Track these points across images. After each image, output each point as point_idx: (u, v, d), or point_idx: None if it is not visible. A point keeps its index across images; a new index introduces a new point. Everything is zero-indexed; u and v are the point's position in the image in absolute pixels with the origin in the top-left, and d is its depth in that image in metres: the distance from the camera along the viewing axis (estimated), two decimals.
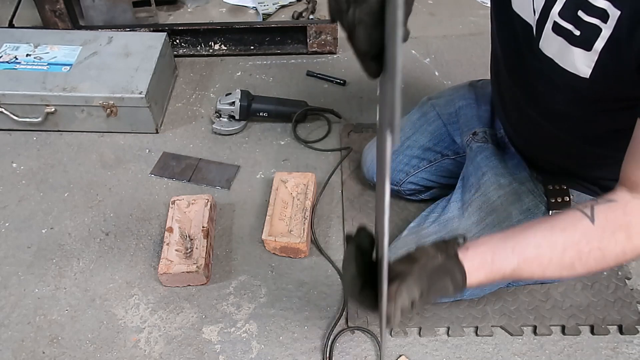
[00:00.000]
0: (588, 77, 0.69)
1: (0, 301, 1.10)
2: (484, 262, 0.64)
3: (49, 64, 1.37)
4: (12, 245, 1.19)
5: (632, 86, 0.65)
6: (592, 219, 0.64)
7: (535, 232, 0.66)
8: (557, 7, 0.69)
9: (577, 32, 0.67)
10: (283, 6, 1.74)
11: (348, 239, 0.64)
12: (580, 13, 0.66)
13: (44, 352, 1.03)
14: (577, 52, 0.68)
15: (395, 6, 0.39)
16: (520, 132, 0.98)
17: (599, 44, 0.65)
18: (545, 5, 0.71)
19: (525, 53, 0.79)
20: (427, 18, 1.73)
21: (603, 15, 0.64)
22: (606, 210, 0.64)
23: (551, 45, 0.72)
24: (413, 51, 1.61)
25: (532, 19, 0.74)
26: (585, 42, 0.67)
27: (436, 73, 1.55)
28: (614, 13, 0.62)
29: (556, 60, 0.72)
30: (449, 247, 0.64)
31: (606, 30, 0.64)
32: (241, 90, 1.37)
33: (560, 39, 0.70)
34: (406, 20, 0.49)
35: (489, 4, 0.89)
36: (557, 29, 0.70)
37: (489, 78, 1.04)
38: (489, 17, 0.90)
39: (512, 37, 0.81)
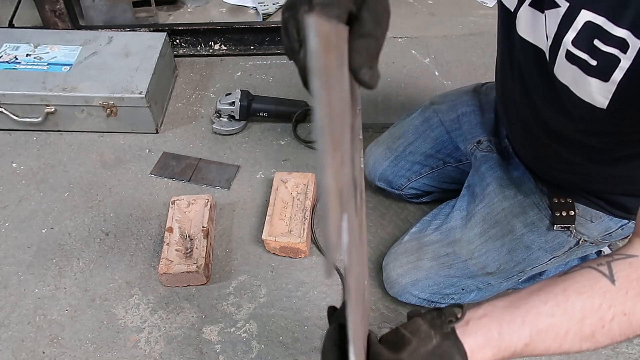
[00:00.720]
0: (605, 108, 0.65)
1: (0, 301, 1.10)
2: (489, 337, 0.53)
3: (49, 64, 1.37)
4: (12, 245, 1.19)
5: None
6: (611, 279, 0.55)
7: (547, 296, 0.55)
8: (570, 35, 0.64)
9: (594, 62, 0.63)
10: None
11: (330, 314, 0.53)
12: (596, 42, 0.62)
13: (44, 352, 1.03)
14: (594, 82, 0.64)
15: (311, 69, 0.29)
16: (525, 147, 0.95)
17: (618, 75, 0.61)
18: (558, 32, 0.66)
19: (536, 78, 0.76)
20: (427, 18, 1.73)
21: (623, 45, 0.59)
22: (627, 268, 0.55)
23: (565, 73, 0.68)
24: (413, 51, 1.61)
25: (544, 45, 0.70)
26: (602, 72, 0.63)
27: (436, 73, 1.55)
28: (635, 43, 0.58)
29: (571, 89, 0.68)
30: (445, 322, 0.53)
31: (625, 61, 0.60)
32: (241, 90, 1.37)
33: (574, 67, 0.66)
34: (374, 62, 0.41)
35: (489, 4, 0.87)
36: (571, 57, 0.65)
37: (493, 81, 1.02)
38: (490, 18, 0.88)
39: (519, 62, 0.78)
